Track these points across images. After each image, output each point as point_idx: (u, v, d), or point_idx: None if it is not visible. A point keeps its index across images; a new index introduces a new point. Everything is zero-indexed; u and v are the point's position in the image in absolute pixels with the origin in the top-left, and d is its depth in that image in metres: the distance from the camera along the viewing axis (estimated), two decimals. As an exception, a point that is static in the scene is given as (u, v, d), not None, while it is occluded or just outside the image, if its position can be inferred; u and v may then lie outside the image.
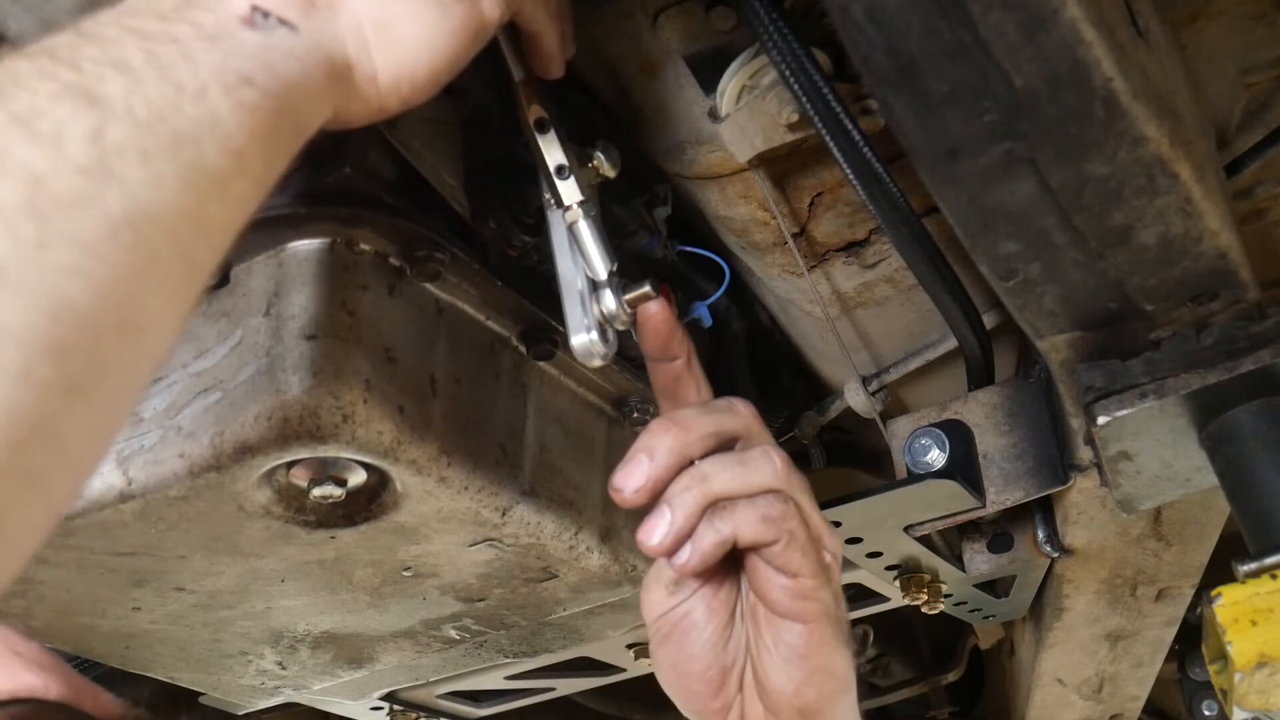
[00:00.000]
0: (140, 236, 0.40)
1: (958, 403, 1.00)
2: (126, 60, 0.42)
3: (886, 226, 0.78)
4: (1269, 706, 0.69)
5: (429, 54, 0.56)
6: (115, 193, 0.39)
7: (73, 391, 0.37)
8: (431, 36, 0.55)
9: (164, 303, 0.42)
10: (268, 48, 0.48)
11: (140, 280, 0.40)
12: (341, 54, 0.52)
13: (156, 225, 0.41)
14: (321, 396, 0.69)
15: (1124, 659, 1.42)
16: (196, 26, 0.46)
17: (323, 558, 0.85)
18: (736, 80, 0.78)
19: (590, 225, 0.70)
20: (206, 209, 0.43)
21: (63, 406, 0.37)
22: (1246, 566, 0.70)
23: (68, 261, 0.37)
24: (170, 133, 0.42)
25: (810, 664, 0.65)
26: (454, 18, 0.56)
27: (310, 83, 0.49)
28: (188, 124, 0.42)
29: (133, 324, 0.40)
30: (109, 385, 0.40)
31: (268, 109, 0.46)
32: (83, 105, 0.39)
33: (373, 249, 0.74)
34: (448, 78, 0.57)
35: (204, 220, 0.43)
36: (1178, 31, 0.83)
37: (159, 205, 0.41)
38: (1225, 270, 0.71)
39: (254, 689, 1.13)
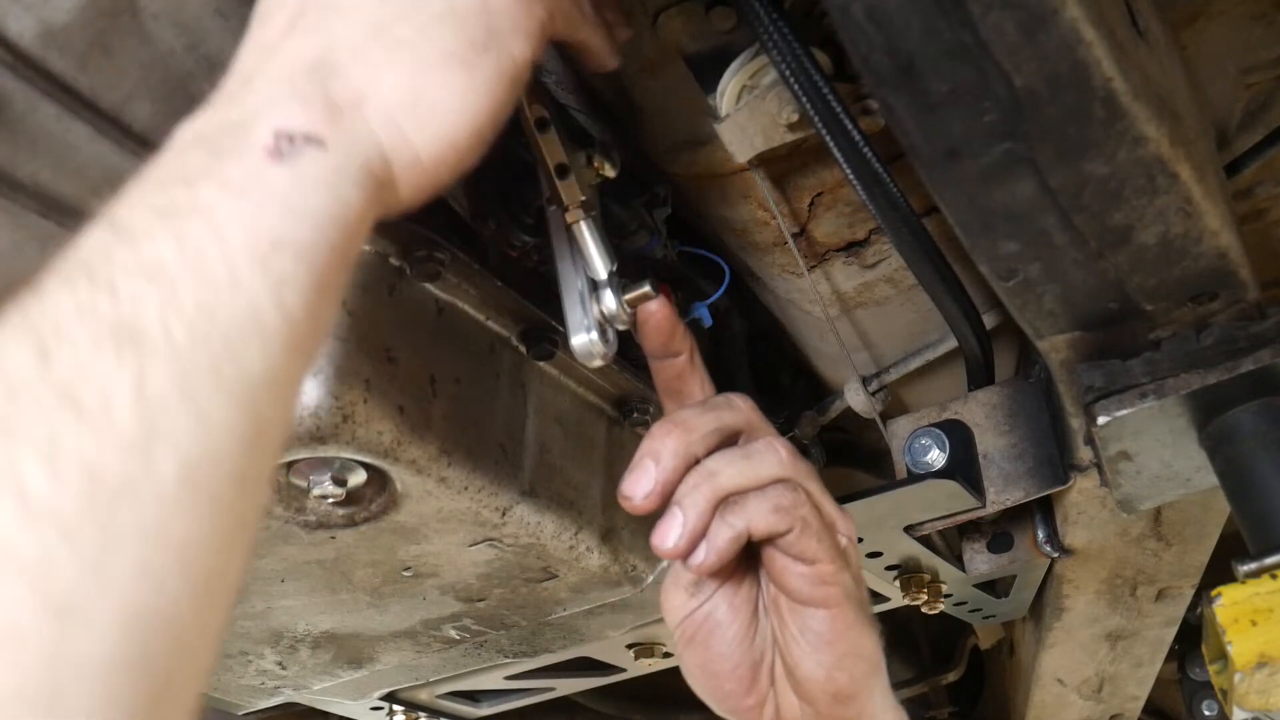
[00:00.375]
0: (197, 491, 0.39)
1: (958, 403, 1.00)
2: (160, 262, 0.41)
3: (886, 226, 0.78)
4: (1269, 706, 0.69)
5: (467, 118, 0.53)
6: (166, 458, 0.38)
7: (161, 698, 0.36)
8: (465, 99, 0.52)
9: (230, 545, 0.41)
10: (297, 185, 0.46)
11: (207, 541, 0.39)
12: (377, 153, 0.50)
13: (211, 471, 0.39)
14: (321, 396, 0.69)
15: (1124, 659, 1.42)
16: (224, 185, 0.44)
17: (323, 558, 0.85)
18: (736, 80, 0.78)
19: (590, 225, 0.70)
20: (259, 416, 0.42)
21: (153, 709, 0.36)
22: (1246, 566, 0.70)
23: (134, 564, 0.36)
24: (209, 356, 0.40)
25: (839, 649, 0.66)
26: (483, 71, 0.53)
27: (348, 211, 0.48)
28: (227, 335, 0.41)
29: (206, 594, 0.39)
30: (193, 668, 0.39)
31: (304, 275, 0.45)
32: (124, 349, 0.38)
33: (373, 249, 0.74)
34: (493, 132, 0.54)
35: (258, 431, 0.42)
36: (1178, 31, 0.83)
37: (210, 451, 0.40)
38: (1225, 270, 0.71)
39: (254, 689, 1.13)
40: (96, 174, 0.62)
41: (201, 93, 0.63)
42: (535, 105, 0.70)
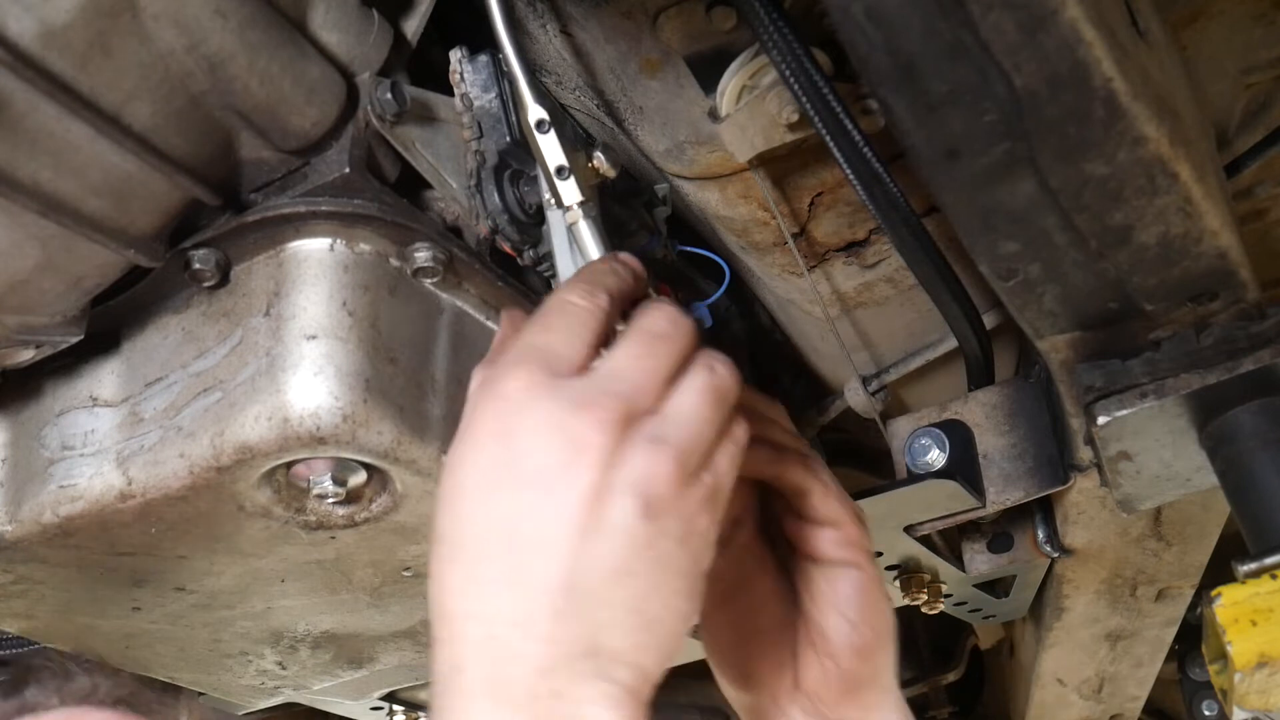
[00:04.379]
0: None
1: (958, 403, 1.00)
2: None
3: (886, 226, 0.78)
4: (1269, 706, 0.69)
5: (677, 633, 0.58)
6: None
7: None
8: (675, 628, 0.58)
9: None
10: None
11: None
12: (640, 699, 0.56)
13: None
14: (321, 396, 0.69)
15: (1124, 659, 1.42)
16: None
17: (323, 558, 0.85)
18: (736, 80, 0.78)
19: (590, 225, 0.70)
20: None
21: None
22: (1246, 566, 0.70)
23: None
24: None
25: (865, 605, 0.71)
26: (697, 597, 0.58)
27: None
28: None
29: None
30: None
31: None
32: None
33: (373, 249, 0.74)
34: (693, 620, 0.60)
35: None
36: (1178, 31, 0.83)
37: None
38: (1225, 270, 0.71)
39: (254, 689, 1.13)
40: (96, 174, 0.62)
41: (202, 92, 0.64)
42: (535, 106, 0.70)
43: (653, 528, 0.56)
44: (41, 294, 0.66)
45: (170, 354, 0.75)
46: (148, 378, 0.76)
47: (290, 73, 0.67)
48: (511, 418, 0.57)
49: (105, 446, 0.75)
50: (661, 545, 0.56)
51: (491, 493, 0.57)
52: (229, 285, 0.74)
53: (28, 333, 0.68)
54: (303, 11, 0.69)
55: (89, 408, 0.77)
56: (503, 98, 0.77)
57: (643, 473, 0.56)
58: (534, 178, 0.78)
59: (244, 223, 0.71)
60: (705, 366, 0.61)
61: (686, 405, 0.59)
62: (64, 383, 0.78)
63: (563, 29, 0.81)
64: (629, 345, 0.60)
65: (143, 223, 0.67)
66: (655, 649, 0.57)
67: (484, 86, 0.78)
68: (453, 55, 0.78)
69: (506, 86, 0.77)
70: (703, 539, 0.58)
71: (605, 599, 0.55)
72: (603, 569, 0.55)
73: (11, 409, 0.80)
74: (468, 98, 0.78)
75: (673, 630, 0.57)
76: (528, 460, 0.56)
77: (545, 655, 0.54)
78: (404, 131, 0.74)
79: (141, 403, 0.75)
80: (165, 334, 0.76)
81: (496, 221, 0.78)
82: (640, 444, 0.56)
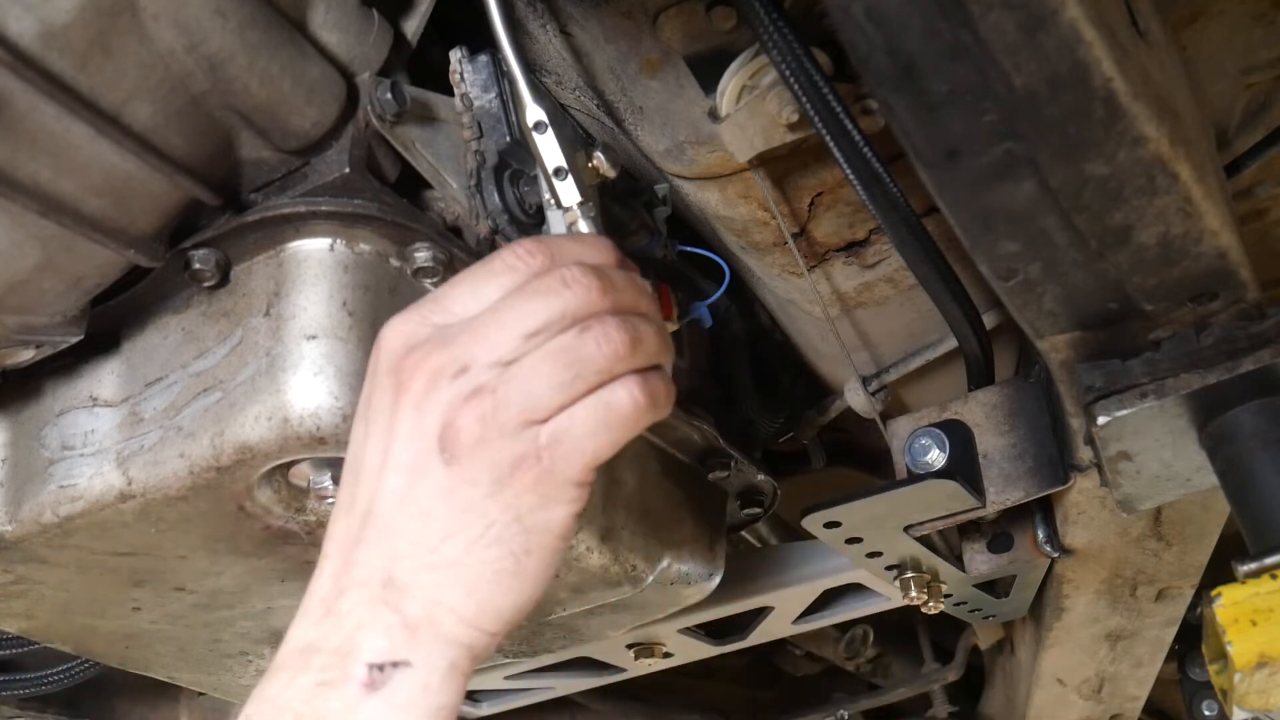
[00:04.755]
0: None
1: (958, 403, 1.00)
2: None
3: (886, 226, 0.78)
4: (1269, 706, 0.69)
5: (526, 599, 0.61)
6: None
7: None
8: (521, 594, 0.60)
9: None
10: (390, 711, 0.57)
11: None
12: (458, 650, 0.60)
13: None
14: (321, 396, 0.69)
15: (1124, 659, 1.42)
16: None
17: (323, 558, 0.85)
18: (736, 80, 0.78)
19: (590, 226, 0.70)
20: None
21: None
22: (1246, 566, 0.70)
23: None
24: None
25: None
26: (531, 566, 0.60)
27: (440, 710, 0.59)
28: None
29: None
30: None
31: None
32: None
33: (373, 249, 0.74)
34: (546, 586, 0.62)
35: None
36: (1178, 31, 0.83)
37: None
38: (1225, 270, 0.71)
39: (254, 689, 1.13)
40: (96, 174, 0.62)
41: (202, 92, 0.64)
42: (534, 107, 0.70)
43: (453, 473, 0.59)
44: (41, 294, 0.66)
45: (170, 354, 0.75)
46: (148, 378, 0.76)
47: (290, 73, 0.67)
48: (373, 359, 0.63)
49: (105, 446, 0.75)
50: (464, 493, 0.59)
51: (354, 425, 0.64)
52: (229, 285, 0.74)
53: (28, 333, 0.68)
54: (303, 11, 0.69)
55: (89, 408, 0.77)
56: (503, 98, 0.77)
57: (441, 418, 0.59)
58: (534, 178, 0.78)
59: (244, 223, 0.71)
60: (580, 328, 0.60)
61: (528, 361, 0.59)
62: (64, 383, 0.78)
63: (562, 29, 0.81)
64: (500, 298, 0.61)
65: (143, 223, 0.67)
66: (459, 594, 0.59)
67: (484, 86, 0.78)
68: (453, 55, 0.78)
69: (506, 86, 0.77)
70: (536, 497, 0.59)
71: (400, 531, 0.60)
72: (393, 500, 0.60)
73: (11, 409, 0.80)
74: (468, 98, 0.78)
75: (483, 580, 0.59)
76: (373, 399, 0.62)
77: (342, 576, 0.61)
78: (404, 131, 0.74)
79: (141, 403, 0.75)
80: (165, 334, 0.76)
81: (496, 221, 0.78)
82: (451, 391, 0.59)
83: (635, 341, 0.60)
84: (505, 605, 0.60)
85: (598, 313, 0.60)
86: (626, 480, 0.93)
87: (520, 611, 0.61)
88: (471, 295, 0.62)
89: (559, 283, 0.60)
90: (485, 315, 0.60)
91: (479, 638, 0.60)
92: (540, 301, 0.60)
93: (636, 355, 0.60)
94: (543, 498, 0.59)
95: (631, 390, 0.60)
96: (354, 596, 0.60)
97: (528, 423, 0.58)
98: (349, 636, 0.59)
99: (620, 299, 0.62)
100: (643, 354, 0.61)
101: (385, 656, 0.58)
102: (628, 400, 0.60)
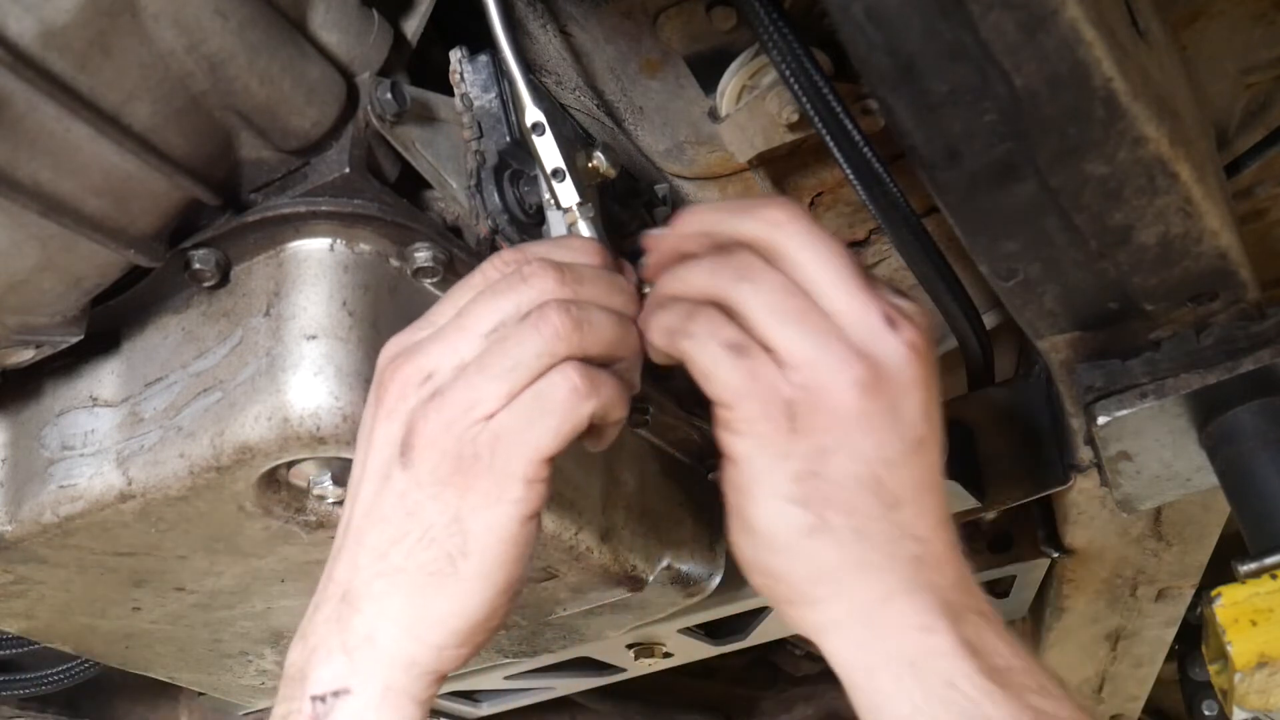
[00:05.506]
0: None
1: (958, 403, 1.00)
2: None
3: (886, 226, 0.78)
4: (1269, 706, 0.69)
5: (471, 610, 0.58)
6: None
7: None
8: (460, 602, 0.58)
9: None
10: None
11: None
12: (401, 669, 0.58)
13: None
14: (321, 396, 0.69)
15: (1124, 659, 1.42)
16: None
17: (323, 558, 0.85)
18: (736, 80, 0.78)
19: (590, 226, 0.70)
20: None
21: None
22: (1246, 566, 0.70)
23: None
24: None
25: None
26: (469, 571, 0.58)
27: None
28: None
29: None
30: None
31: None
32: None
33: (373, 249, 0.74)
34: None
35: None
36: (1178, 31, 0.83)
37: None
38: (1225, 270, 0.71)
39: (254, 689, 1.13)
40: (96, 174, 0.62)
41: (202, 92, 0.63)
42: (532, 108, 0.70)
43: (408, 476, 0.58)
44: (41, 294, 0.66)
45: (170, 354, 0.75)
46: (148, 378, 0.76)
47: (290, 73, 0.67)
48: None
49: (105, 446, 0.75)
50: (412, 496, 0.58)
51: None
52: (229, 285, 0.74)
53: (28, 333, 0.68)
54: (303, 11, 0.69)
55: (89, 408, 0.77)
56: (503, 98, 0.77)
57: (405, 424, 0.58)
58: (534, 178, 0.78)
59: (244, 223, 0.71)
60: (523, 324, 0.58)
61: (478, 358, 0.58)
62: (64, 383, 0.78)
63: (562, 29, 0.81)
64: (467, 305, 0.61)
65: (143, 223, 0.67)
66: (400, 602, 0.58)
67: (484, 86, 0.78)
68: (453, 55, 0.78)
69: (506, 86, 0.77)
70: (479, 496, 0.57)
71: (363, 540, 0.59)
72: (363, 510, 0.60)
73: (11, 409, 0.80)
74: (468, 98, 0.78)
75: (418, 585, 0.57)
76: (365, 415, 0.63)
77: (320, 591, 0.61)
78: (404, 131, 0.74)
79: (141, 403, 0.75)
80: (165, 334, 0.76)
81: (496, 221, 0.78)
82: (416, 397, 0.59)
83: (576, 324, 0.57)
84: (444, 612, 0.58)
85: (553, 301, 0.58)
86: (626, 480, 0.93)
87: (466, 619, 0.58)
88: (451, 306, 0.62)
89: (518, 279, 0.59)
90: (452, 320, 0.60)
91: (422, 651, 0.58)
92: (500, 299, 0.59)
93: (580, 340, 0.57)
94: (485, 497, 0.57)
95: (567, 375, 0.57)
96: (321, 613, 0.60)
97: (473, 420, 0.57)
98: (305, 663, 0.59)
99: (583, 291, 0.59)
100: (592, 341, 0.58)
101: (327, 686, 0.58)
102: (564, 385, 0.56)
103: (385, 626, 0.58)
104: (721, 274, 0.58)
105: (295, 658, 0.60)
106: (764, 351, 0.56)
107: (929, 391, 0.58)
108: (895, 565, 0.57)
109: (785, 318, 0.56)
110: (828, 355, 0.55)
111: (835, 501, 0.56)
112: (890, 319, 0.56)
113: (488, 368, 0.57)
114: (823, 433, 0.55)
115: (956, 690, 0.54)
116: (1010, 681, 0.54)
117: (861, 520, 0.56)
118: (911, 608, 0.56)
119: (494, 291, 0.59)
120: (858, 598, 0.57)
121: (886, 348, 0.55)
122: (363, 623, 0.58)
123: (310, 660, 0.59)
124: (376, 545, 0.59)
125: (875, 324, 0.56)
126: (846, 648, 0.57)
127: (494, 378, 0.56)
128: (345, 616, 0.59)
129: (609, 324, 0.60)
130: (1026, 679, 0.55)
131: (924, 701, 0.54)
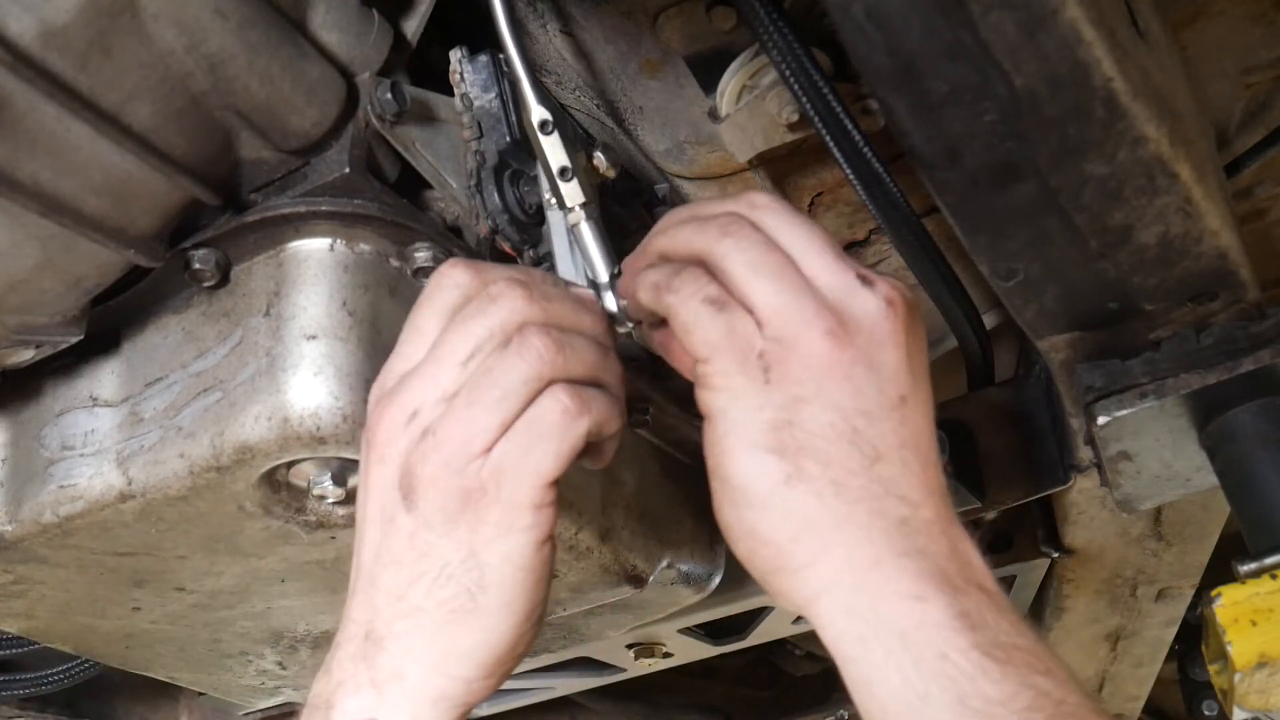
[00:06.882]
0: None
1: (958, 403, 1.00)
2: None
3: (886, 226, 0.78)
4: (1269, 706, 0.69)
5: (495, 641, 0.60)
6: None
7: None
8: (483, 635, 0.59)
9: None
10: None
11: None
12: (422, 702, 0.59)
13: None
14: (321, 396, 0.69)
15: (1124, 659, 1.42)
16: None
17: (323, 558, 0.85)
18: (736, 80, 0.78)
19: (593, 227, 0.70)
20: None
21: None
22: (1246, 566, 0.70)
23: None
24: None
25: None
26: (490, 604, 0.58)
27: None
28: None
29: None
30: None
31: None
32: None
33: (373, 249, 0.74)
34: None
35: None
36: (1178, 31, 0.83)
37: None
38: (1225, 270, 0.71)
39: (254, 689, 1.13)
40: (96, 174, 0.62)
41: (202, 92, 0.63)
42: (538, 107, 0.70)
43: (413, 518, 0.58)
44: (41, 294, 0.66)
45: (170, 354, 0.75)
46: (148, 378, 0.76)
47: (290, 73, 0.67)
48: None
49: (105, 446, 0.75)
50: (423, 537, 0.58)
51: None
52: (229, 285, 0.74)
53: (28, 333, 0.68)
54: (303, 11, 0.69)
55: (89, 408, 0.77)
56: (503, 98, 0.77)
57: (400, 465, 0.58)
58: (534, 178, 0.78)
59: (244, 223, 0.71)
60: (505, 352, 0.57)
61: (464, 391, 0.58)
62: (64, 383, 0.78)
63: (563, 29, 0.81)
64: (438, 333, 0.61)
65: (143, 223, 0.67)
66: (423, 641, 0.58)
67: (484, 86, 0.78)
68: (453, 55, 0.78)
69: (507, 86, 0.77)
70: (491, 529, 0.57)
71: (378, 583, 0.60)
72: (372, 553, 0.60)
73: (11, 409, 0.80)
74: (468, 98, 0.78)
75: (441, 623, 0.58)
76: (360, 459, 0.63)
77: (340, 631, 0.62)
78: (404, 131, 0.74)
79: (141, 403, 0.75)
80: (165, 334, 0.76)
81: (496, 221, 0.78)
82: (406, 437, 0.58)
83: (559, 346, 0.57)
84: (468, 645, 0.59)
85: (527, 322, 0.58)
86: (626, 480, 0.93)
87: (491, 650, 0.59)
88: (417, 335, 0.61)
89: (486, 300, 0.59)
90: (428, 354, 0.60)
91: (450, 685, 0.59)
92: (471, 325, 0.59)
93: (565, 363, 0.58)
94: (497, 528, 0.57)
95: (558, 397, 0.57)
96: (345, 650, 0.61)
97: (471, 455, 0.57)
98: (330, 694, 0.60)
99: (552, 310, 0.60)
100: (576, 363, 0.59)
101: (354, 716, 0.59)
102: (555, 408, 0.57)
103: (410, 665, 0.59)
104: (706, 231, 0.59)
105: (320, 689, 0.61)
106: (743, 308, 0.57)
107: (910, 350, 0.58)
108: (881, 525, 0.55)
109: (760, 271, 0.57)
110: (800, 307, 0.56)
111: (811, 449, 0.55)
112: (865, 278, 0.57)
113: (477, 400, 0.57)
114: (796, 383, 0.56)
115: (949, 663, 0.52)
116: (1011, 659, 0.53)
117: (839, 472, 0.56)
118: (901, 574, 0.55)
119: (464, 317, 0.59)
120: (843, 560, 0.55)
121: (861, 301, 0.56)
122: (389, 660, 0.59)
123: (336, 693, 0.60)
124: (392, 587, 0.59)
125: (849, 280, 0.57)
126: (836, 616, 0.56)
127: (485, 410, 0.57)
128: (371, 655, 0.59)
129: (587, 346, 0.60)
130: (1031, 659, 0.53)
131: (915, 674, 0.53)
